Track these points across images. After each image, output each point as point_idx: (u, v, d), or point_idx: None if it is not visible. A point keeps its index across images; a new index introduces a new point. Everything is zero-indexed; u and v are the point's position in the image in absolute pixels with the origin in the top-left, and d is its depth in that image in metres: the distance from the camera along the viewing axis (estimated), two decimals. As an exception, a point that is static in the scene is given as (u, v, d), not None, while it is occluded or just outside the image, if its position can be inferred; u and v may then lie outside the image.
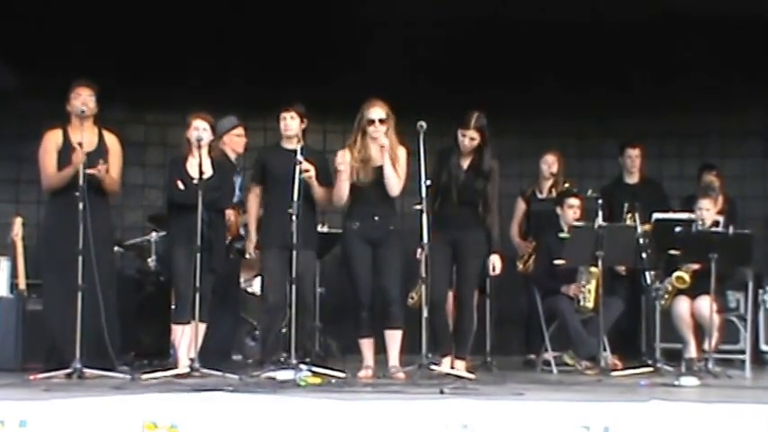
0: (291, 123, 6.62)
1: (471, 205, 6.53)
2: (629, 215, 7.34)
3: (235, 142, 7.31)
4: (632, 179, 8.31)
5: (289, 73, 8.46)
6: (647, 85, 8.85)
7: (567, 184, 7.97)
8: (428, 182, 6.22)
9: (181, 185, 6.52)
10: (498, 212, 6.63)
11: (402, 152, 6.51)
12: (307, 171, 6.43)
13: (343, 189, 6.45)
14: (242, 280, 7.67)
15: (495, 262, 6.56)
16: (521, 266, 7.98)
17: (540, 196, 8.09)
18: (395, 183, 6.44)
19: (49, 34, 8.14)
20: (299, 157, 6.38)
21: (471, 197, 6.52)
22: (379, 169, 6.46)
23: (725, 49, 8.53)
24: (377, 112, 6.45)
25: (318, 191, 6.57)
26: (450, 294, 6.70)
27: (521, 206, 8.17)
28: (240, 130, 7.36)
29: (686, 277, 7.08)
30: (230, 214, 7.02)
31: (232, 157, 7.18)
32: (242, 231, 7.52)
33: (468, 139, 6.53)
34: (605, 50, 8.66)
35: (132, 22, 8.20)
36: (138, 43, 8.30)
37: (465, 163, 6.59)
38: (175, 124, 6.74)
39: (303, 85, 7.80)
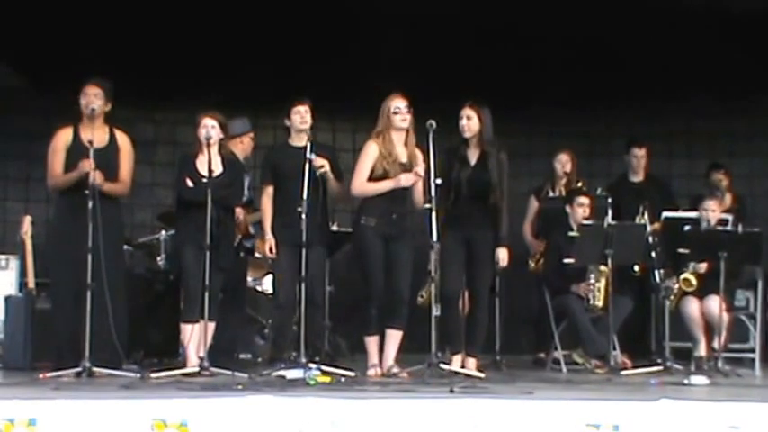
0: (307, 116, 6.62)
1: (482, 200, 6.49)
2: (643, 216, 7.31)
3: (246, 144, 7.32)
4: (637, 177, 8.29)
5: (298, 71, 8.45)
6: (655, 85, 8.82)
7: (579, 184, 7.95)
8: (438, 180, 6.22)
9: (190, 183, 6.52)
10: (507, 207, 6.59)
11: (420, 154, 6.53)
12: (322, 167, 6.42)
13: (379, 190, 6.40)
14: (251, 278, 7.67)
15: (501, 255, 6.50)
16: (532, 265, 7.95)
17: (551, 195, 8.07)
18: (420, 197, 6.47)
19: (59, 33, 8.14)
20: (311, 155, 6.37)
21: (481, 191, 6.48)
22: (403, 166, 6.43)
23: (733, 48, 8.50)
24: (403, 100, 6.46)
25: (335, 185, 6.56)
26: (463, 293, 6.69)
27: (533, 205, 8.15)
28: (251, 134, 7.37)
29: (693, 279, 7.07)
30: (239, 213, 7.02)
31: (240, 158, 7.18)
32: (252, 230, 7.52)
33: (465, 118, 6.51)
34: (614, 50, 8.64)
35: (142, 21, 8.20)
36: (148, 41, 8.30)
37: (473, 158, 6.58)
38: (185, 122, 6.75)
39: (313, 83, 7.78)
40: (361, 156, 6.53)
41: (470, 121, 6.52)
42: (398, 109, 6.45)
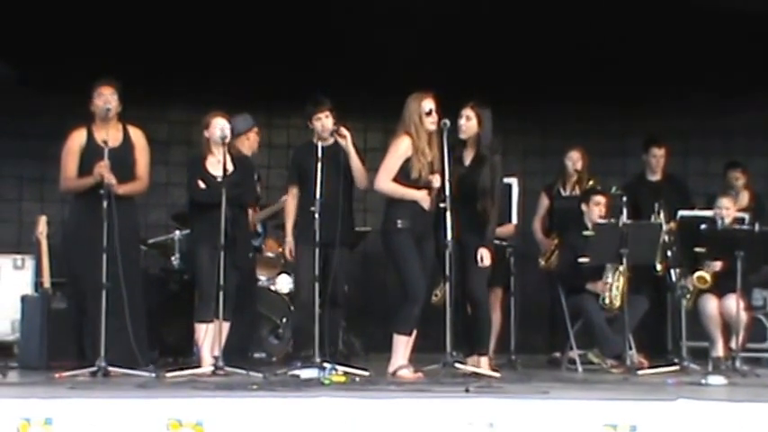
0: (327, 122, 6.59)
1: (471, 202, 6.43)
2: (659, 215, 7.25)
3: (252, 140, 7.31)
4: (655, 176, 8.24)
5: (310, 71, 8.43)
6: (671, 83, 8.78)
7: (591, 182, 7.91)
8: (436, 181, 6.24)
9: (202, 185, 6.52)
10: (497, 212, 6.53)
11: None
12: (344, 137, 6.40)
13: (404, 195, 6.35)
14: (264, 278, 7.67)
15: (483, 254, 6.39)
16: (543, 263, 7.91)
17: (564, 193, 8.03)
18: None
19: (74, 32, 8.14)
20: (333, 127, 6.42)
21: (470, 193, 6.42)
22: (431, 165, 6.38)
23: (749, 46, 8.45)
24: (432, 101, 6.39)
25: (357, 161, 6.51)
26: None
27: (544, 202, 8.11)
28: (256, 129, 7.35)
29: (707, 277, 7.01)
30: (251, 212, 7.02)
31: (248, 155, 7.18)
32: (259, 228, 7.52)
33: (464, 117, 6.47)
34: (629, 47, 8.59)
35: (156, 21, 8.20)
36: (162, 41, 8.30)
37: (467, 158, 6.53)
38: (199, 122, 6.74)
39: (324, 82, 7.76)
40: (391, 151, 6.40)
41: (469, 122, 6.48)
42: (431, 110, 6.37)
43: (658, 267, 7.18)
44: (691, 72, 8.68)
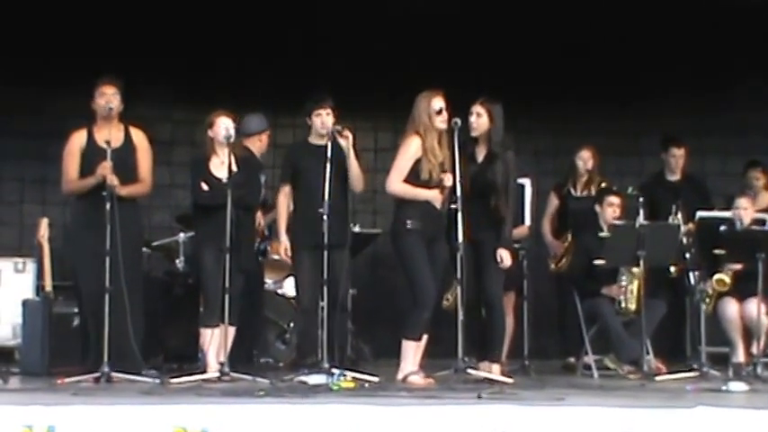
0: (328, 120, 6.48)
1: (485, 200, 6.33)
2: (677, 216, 7.12)
3: (264, 142, 7.25)
4: (674, 176, 8.13)
5: (317, 70, 8.36)
6: (688, 82, 8.70)
7: (603, 184, 7.78)
8: (448, 178, 6.14)
9: (205, 187, 6.40)
10: (513, 207, 6.44)
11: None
12: (346, 138, 6.30)
13: (417, 196, 6.23)
14: (271, 281, 7.56)
15: (503, 255, 6.30)
16: (553, 266, 7.79)
17: (575, 194, 7.91)
18: None
19: (75, 31, 8.12)
20: (337, 127, 6.29)
21: (484, 191, 6.33)
22: (441, 166, 6.26)
23: (764, 42, 8.35)
24: (442, 100, 6.28)
25: (355, 164, 6.38)
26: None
27: (553, 202, 7.98)
28: (268, 131, 7.26)
29: (727, 279, 6.89)
30: (260, 217, 6.91)
31: (257, 155, 7.09)
32: (266, 232, 7.41)
33: (475, 114, 6.39)
34: (645, 46, 8.51)
35: (159, 21, 8.19)
36: (165, 41, 8.27)
37: (479, 156, 6.44)
38: (203, 122, 6.66)
39: (332, 81, 7.68)
40: (401, 152, 6.29)
41: (479, 119, 6.41)
42: (441, 109, 6.26)
43: (672, 270, 7.05)
44: (708, 71, 8.60)
